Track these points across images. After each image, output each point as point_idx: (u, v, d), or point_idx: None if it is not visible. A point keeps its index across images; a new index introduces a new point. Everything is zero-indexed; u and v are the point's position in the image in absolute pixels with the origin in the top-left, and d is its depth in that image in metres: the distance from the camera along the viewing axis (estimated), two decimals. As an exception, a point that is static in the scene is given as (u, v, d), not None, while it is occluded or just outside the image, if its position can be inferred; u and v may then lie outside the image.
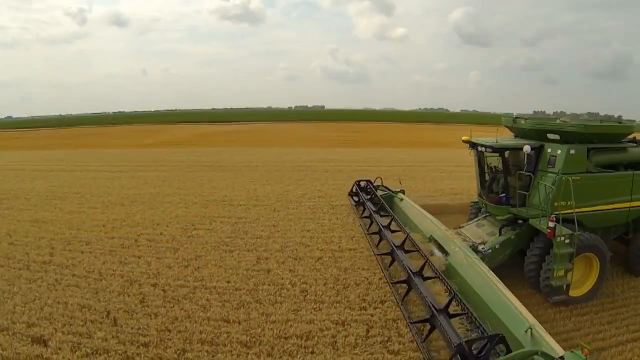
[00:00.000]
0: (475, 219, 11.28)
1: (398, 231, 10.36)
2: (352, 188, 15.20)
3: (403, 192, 13.88)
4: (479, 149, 10.26)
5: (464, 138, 10.72)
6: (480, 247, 9.28)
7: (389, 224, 10.63)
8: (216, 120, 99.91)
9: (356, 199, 14.24)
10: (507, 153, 9.82)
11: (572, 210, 8.45)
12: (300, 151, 35.13)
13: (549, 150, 9.42)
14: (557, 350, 5.22)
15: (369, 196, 13.82)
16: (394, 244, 9.17)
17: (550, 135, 9.50)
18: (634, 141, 10.56)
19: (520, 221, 9.69)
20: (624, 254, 10.38)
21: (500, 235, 9.80)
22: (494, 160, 10.42)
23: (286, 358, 6.48)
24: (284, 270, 9.71)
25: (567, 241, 8.25)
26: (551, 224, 8.35)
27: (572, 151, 9.06)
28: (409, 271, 7.74)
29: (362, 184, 14.95)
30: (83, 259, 10.74)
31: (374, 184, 14.66)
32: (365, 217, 12.19)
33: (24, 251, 11.27)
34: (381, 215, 11.68)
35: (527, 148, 9.08)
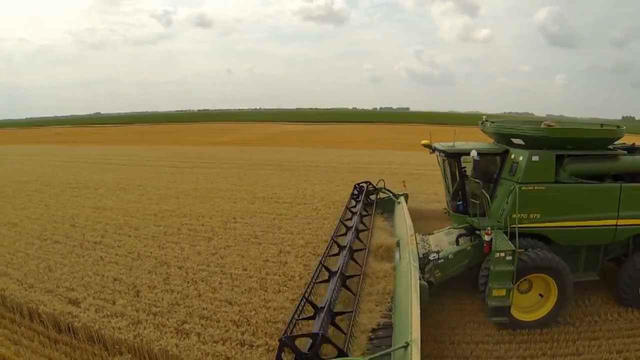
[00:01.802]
0: (448, 227, 11.21)
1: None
2: (353, 190, 15.30)
3: (406, 195, 14.07)
4: (436, 153, 10.18)
5: (424, 142, 10.52)
6: (431, 256, 9.27)
7: (355, 224, 10.98)
8: (297, 120, 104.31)
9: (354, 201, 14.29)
10: (462, 158, 9.60)
11: (515, 225, 8.04)
12: (364, 153, 36.19)
13: (513, 156, 9.00)
14: None
15: (360, 198, 13.95)
16: (340, 245, 9.50)
17: (514, 140, 9.06)
18: (627, 148, 9.50)
19: (478, 232, 9.37)
20: (616, 278, 9.23)
21: (457, 245, 9.69)
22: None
23: (266, 339, 7.51)
24: (298, 264, 10.85)
25: (508, 258, 7.84)
26: (487, 238, 8.07)
27: (534, 158, 8.50)
28: (328, 270, 8.03)
29: (363, 185, 15.17)
30: (128, 241, 13.00)
31: (376, 186, 14.81)
32: (347, 218, 12.32)
33: (81, 232, 13.95)
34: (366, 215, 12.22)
35: (474, 153, 8.81)
